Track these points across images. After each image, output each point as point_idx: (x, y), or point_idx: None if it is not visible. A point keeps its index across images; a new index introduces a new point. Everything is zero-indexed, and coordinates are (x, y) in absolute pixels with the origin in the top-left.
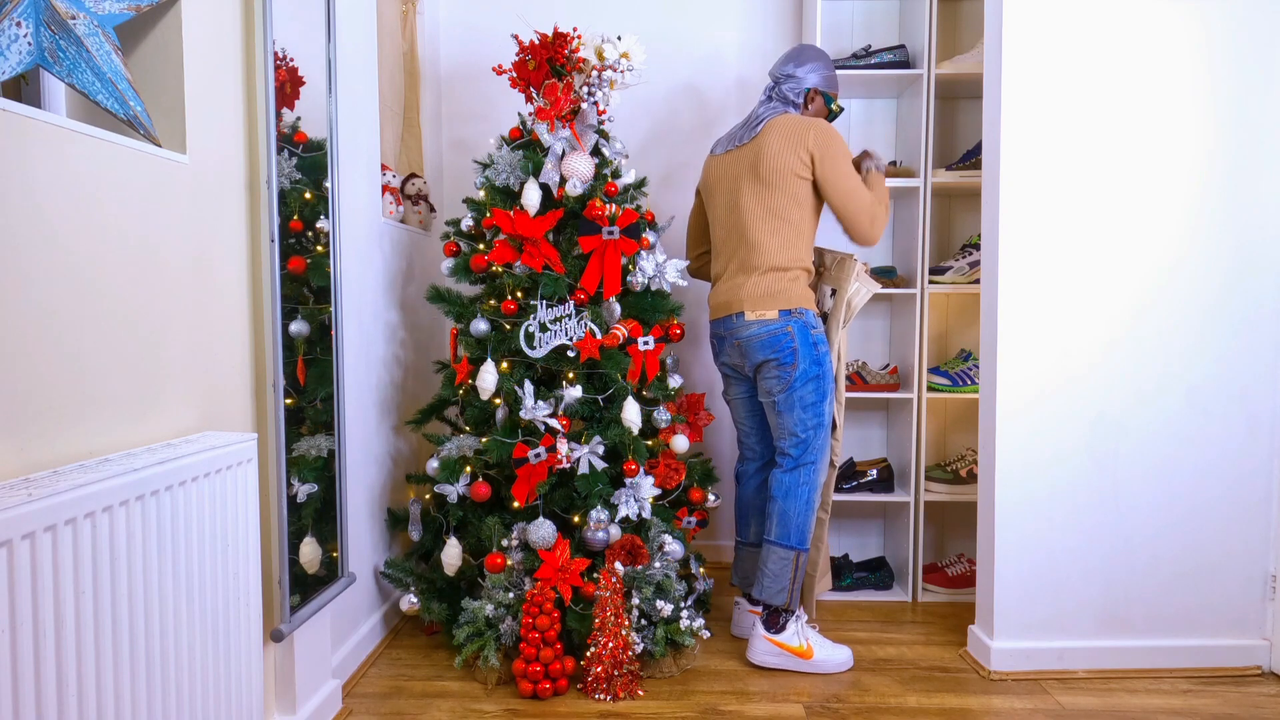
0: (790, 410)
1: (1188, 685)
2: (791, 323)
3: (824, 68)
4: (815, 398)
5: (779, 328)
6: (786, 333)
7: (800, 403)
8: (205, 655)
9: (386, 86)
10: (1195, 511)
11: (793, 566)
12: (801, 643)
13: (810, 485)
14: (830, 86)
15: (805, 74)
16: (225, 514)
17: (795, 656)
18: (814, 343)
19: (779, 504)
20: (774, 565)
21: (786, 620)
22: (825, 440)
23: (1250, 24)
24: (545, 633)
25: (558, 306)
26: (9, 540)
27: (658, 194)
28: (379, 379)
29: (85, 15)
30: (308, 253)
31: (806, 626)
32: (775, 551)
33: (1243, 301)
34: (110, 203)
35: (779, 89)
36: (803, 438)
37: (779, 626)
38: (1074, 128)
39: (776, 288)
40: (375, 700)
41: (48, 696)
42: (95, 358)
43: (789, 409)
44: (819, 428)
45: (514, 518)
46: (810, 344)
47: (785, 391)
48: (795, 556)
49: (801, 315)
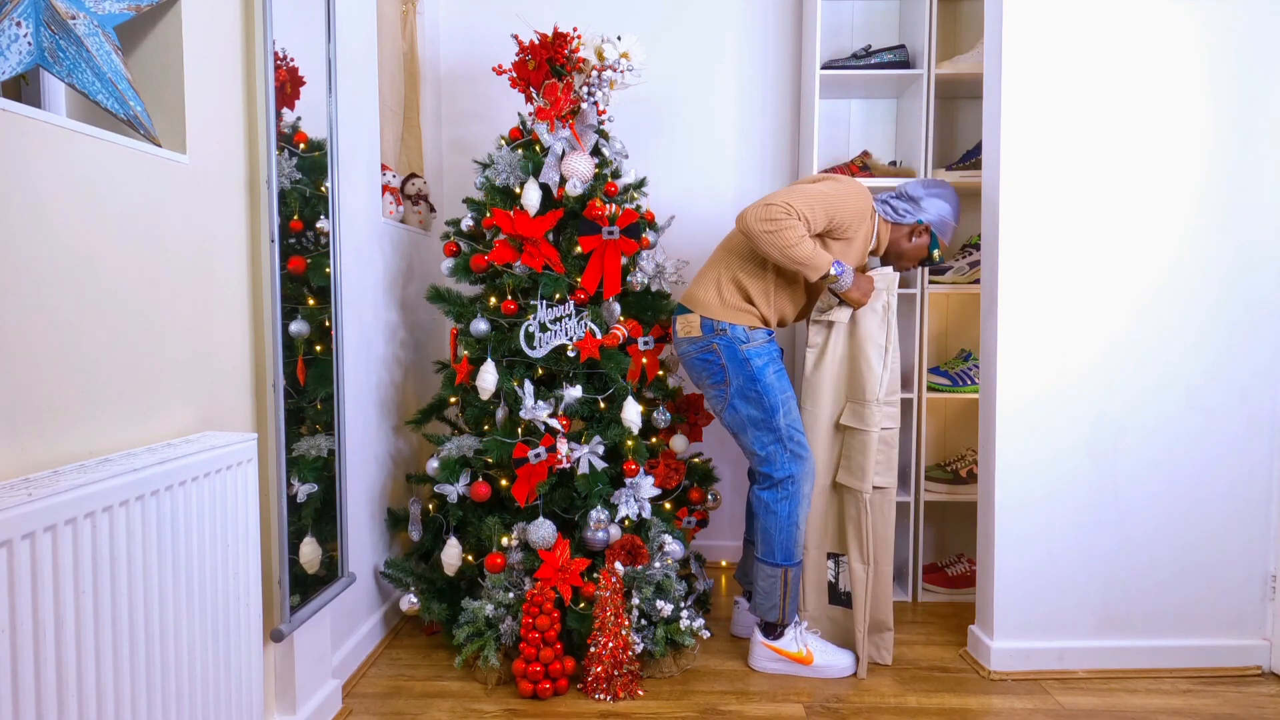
0: (742, 431)
1: (1188, 685)
2: (716, 340)
3: (949, 212)
4: (761, 414)
5: (704, 345)
6: (712, 351)
7: (748, 421)
8: (205, 655)
9: (386, 86)
10: (1195, 511)
11: (781, 583)
12: (800, 648)
13: (790, 500)
14: (943, 233)
15: (927, 205)
16: (225, 514)
17: (795, 663)
18: (743, 359)
19: (760, 521)
20: (763, 583)
21: (784, 629)
22: (799, 451)
23: (1250, 24)
24: (545, 633)
25: (558, 306)
26: (9, 540)
27: (657, 194)
28: (379, 379)
29: (85, 15)
30: (308, 253)
31: (806, 632)
32: (762, 569)
33: (1243, 301)
34: (110, 202)
35: (892, 200)
36: (764, 455)
37: (777, 634)
38: (1074, 128)
39: (701, 299)
40: (375, 700)
41: (48, 696)
42: (95, 358)
43: (739, 429)
44: (778, 443)
45: (514, 518)
46: (741, 360)
47: (728, 412)
48: (783, 573)
49: (725, 332)
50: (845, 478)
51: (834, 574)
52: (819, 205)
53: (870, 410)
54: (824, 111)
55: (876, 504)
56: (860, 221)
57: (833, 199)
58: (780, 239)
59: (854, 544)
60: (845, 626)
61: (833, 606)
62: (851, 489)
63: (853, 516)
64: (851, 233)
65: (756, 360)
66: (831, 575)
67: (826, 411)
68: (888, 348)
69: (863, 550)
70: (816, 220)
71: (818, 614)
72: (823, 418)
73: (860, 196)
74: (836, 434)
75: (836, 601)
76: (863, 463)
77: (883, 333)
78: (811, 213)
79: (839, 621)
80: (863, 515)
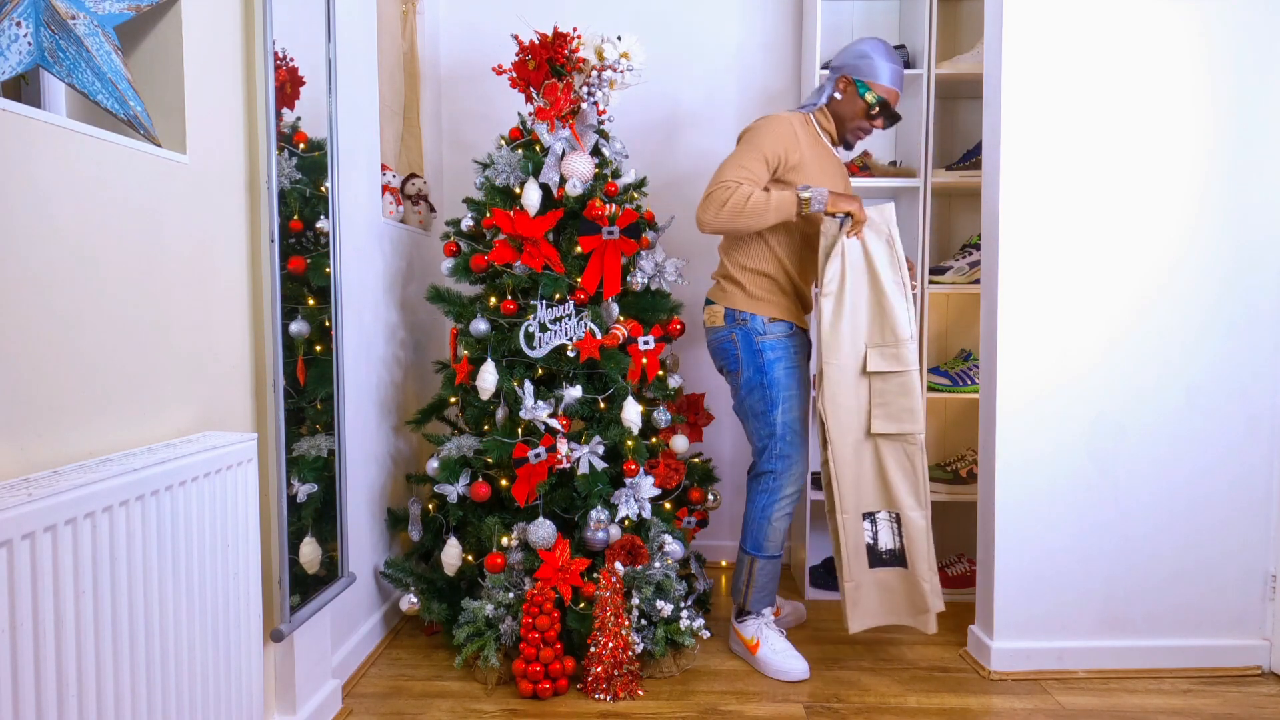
0: (745, 419)
1: (1188, 685)
2: (736, 330)
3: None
4: (762, 407)
5: (725, 334)
6: (730, 340)
7: (751, 412)
8: (205, 655)
9: (386, 86)
10: (1195, 511)
11: (746, 569)
12: (752, 636)
13: (769, 493)
14: (865, 72)
15: (835, 62)
16: (225, 514)
17: (745, 648)
18: (757, 350)
19: (746, 506)
20: (738, 566)
21: (746, 614)
22: (787, 450)
23: (1250, 24)
24: (545, 633)
25: (558, 306)
26: (9, 540)
27: (657, 194)
28: (379, 379)
29: (85, 15)
30: (308, 253)
31: (768, 627)
32: (739, 551)
33: (1243, 301)
34: (110, 202)
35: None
36: (759, 446)
37: (741, 618)
38: (1074, 128)
39: (725, 289)
40: (375, 700)
41: (48, 696)
42: (95, 358)
43: (744, 418)
44: (772, 438)
45: (514, 518)
46: (754, 351)
47: (736, 400)
48: (749, 561)
49: (745, 322)
50: (887, 425)
51: (871, 534)
52: (744, 155)
53: (905, 349)
54: None
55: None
56: (789, 140)
57: (752, 140)
58: (735, 209)
59: (906, 492)
60: (894, 588)
61: (875, 570)
62: (898, 434)
63: (901, 463)
64: (794, 158)
65: (770, 353)
66: (870, 536)
67: (850, 364)
68: (904, 283)
69: (919, 496)
70: (753, 168)
71: (862, 579)
72: (849, 370)
73: (775, 119)
74: (861, 384)
75: (878, 563)
76: (909, 404)
77: (895, 269)
78: (743, 167)
79: (888, 585)
80: (916, 457)
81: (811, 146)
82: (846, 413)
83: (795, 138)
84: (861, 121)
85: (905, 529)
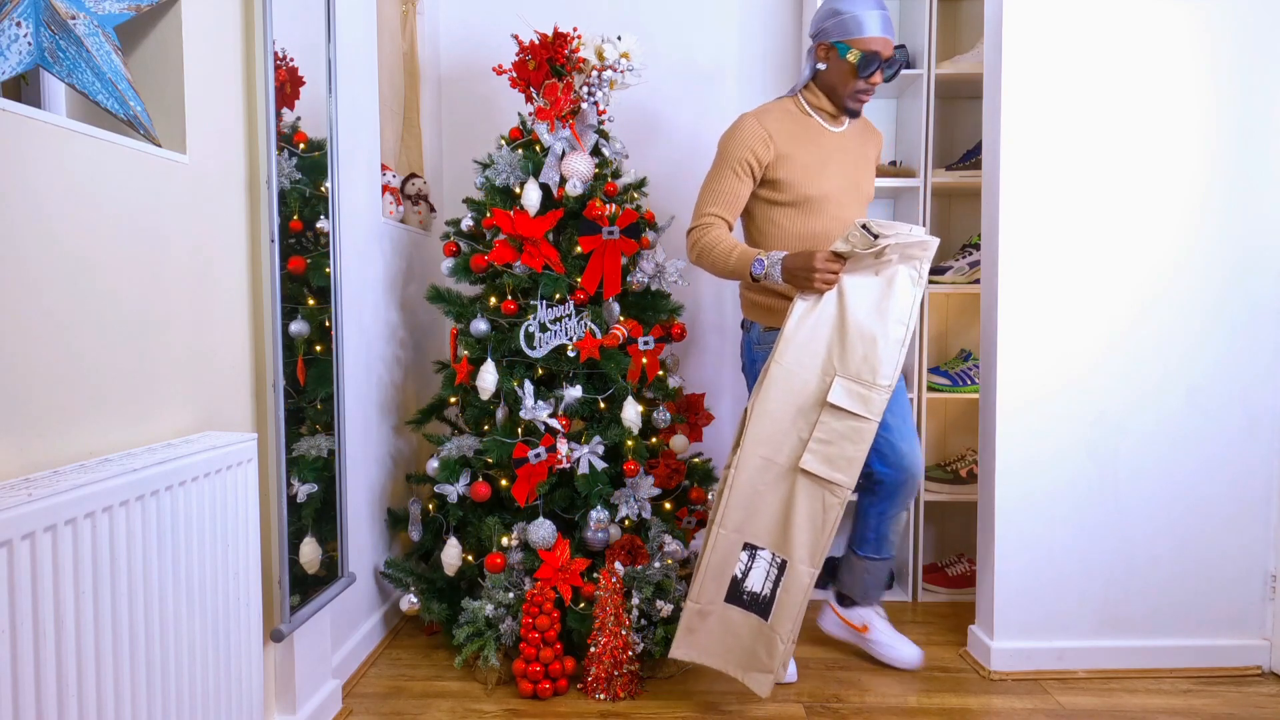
0: None
1: (1188, 685)
2: (743, 335)
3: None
4: None
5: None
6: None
7: None
8: (205, 655)
9: (386, 86)
10: (1195, 511)
11: None
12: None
13: None
14: (837, 32)
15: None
16: (225, 514)
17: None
18: (752, 359)
19: None
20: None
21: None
22: None
23: (1252, 24)
24: (545, 633)
25: (558, 306)
26: (9, 540)
27: (657, 194)
28: (379, 379)
29: (85, 15)
30: (308, 253)
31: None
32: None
33: (1243, 302)
34: (110, 202)
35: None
36: None
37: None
38: (1074, 128)
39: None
40: (375, 700)
41: (48, 696)
42: (95, 358)
43: None
44: None
45: (514, 518)
46: (751, 360)
47: None
48: None
49: (747, 329)
50: (821, 467)
51: (743, 568)
52: (715, 176)
53: (876, 395)
54: None
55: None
56: (756, 141)
57: (719, 156)
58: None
59: (805, 543)
60: (739, 634)
61: (728, 605)
62: (825, 481)
63: (813, 512)
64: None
65: (760, 364)
66: (740, 569)
67: (802, 377)
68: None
69: (816, 552)
70: (725, 188)
71: (711, 608)
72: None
73: (735, 125)
74: (808, 408)
75: (735, 600)
76: (854, 454)
77: (908, 309)
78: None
79: (734, 628)
80: (833, 511)
81: (796, 135)
82: (774, 426)
83: (765, 136)
84: (855, 85)
85: (786, 580)
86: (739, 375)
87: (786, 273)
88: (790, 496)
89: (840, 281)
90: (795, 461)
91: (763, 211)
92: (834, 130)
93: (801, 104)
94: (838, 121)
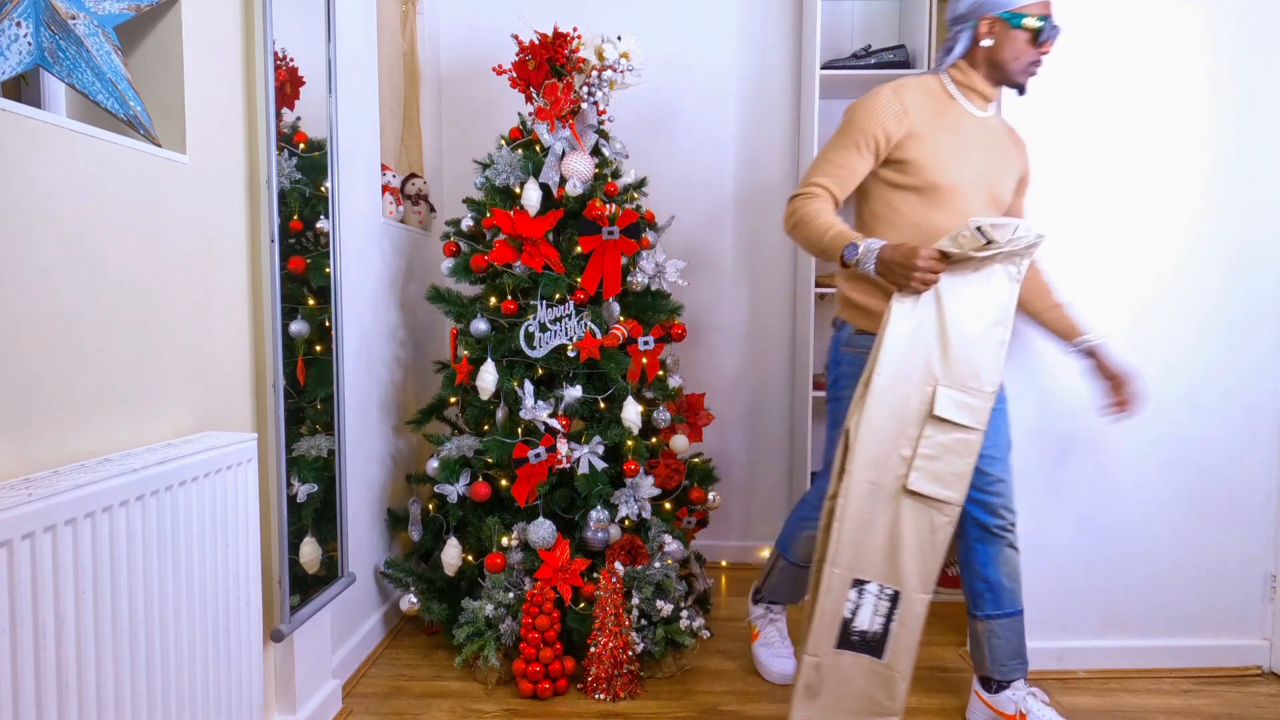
0: None
1: (1188, 685)
2: (834, 334)
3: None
4: (830, 421)
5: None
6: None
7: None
8: (205, 655)
9: (386, 86)
10: (1195, 511)
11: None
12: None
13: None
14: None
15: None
16: (225, 514)
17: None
18: (837, 361)
19: None
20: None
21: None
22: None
23: (1253, 24)
24: (545, 633)
25: (558, 306)
26: (9, 540)
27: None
28: (379, 379)
29: (85, 15)
30: (308, 253)
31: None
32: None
33: (1243, 302)
34: (110, 202)
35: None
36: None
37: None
38: (1074, 128)
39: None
40: (375, 700)
41: (48, 696)
42: (95, 357)
43: None
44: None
45: (514, 518)
46: (835, 362)
47: None
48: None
49: (838, 329)
50: (929, 485)
51: (852, 607)
52: (835, 147)
53: (982, 403)
54: (824, 111)
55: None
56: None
57: (845, 125)
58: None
59: (914, 570)
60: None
61: (839, 652)
62: (935, 500)
63: (922, 535)
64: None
65: (845, 368)
66: (850, 609)
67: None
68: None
69: (927, 579)
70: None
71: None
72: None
73: (873, 94)
74: (910, 423)
75: (845, 644)
76: (961, 469)
77: (1008, 301)
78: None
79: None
80: (942, 532)
81: (935, 116)
82: (879, 446)
83: (900, 111)
84: (1031, 55)
85: (901, 613)
86: (739, 375)
87: (882, 265)
88: (895, 521)
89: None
90: (900, 482)
91: (881, 194)
92: (979, 114)
93: (945, 84)
94: (985, 104)
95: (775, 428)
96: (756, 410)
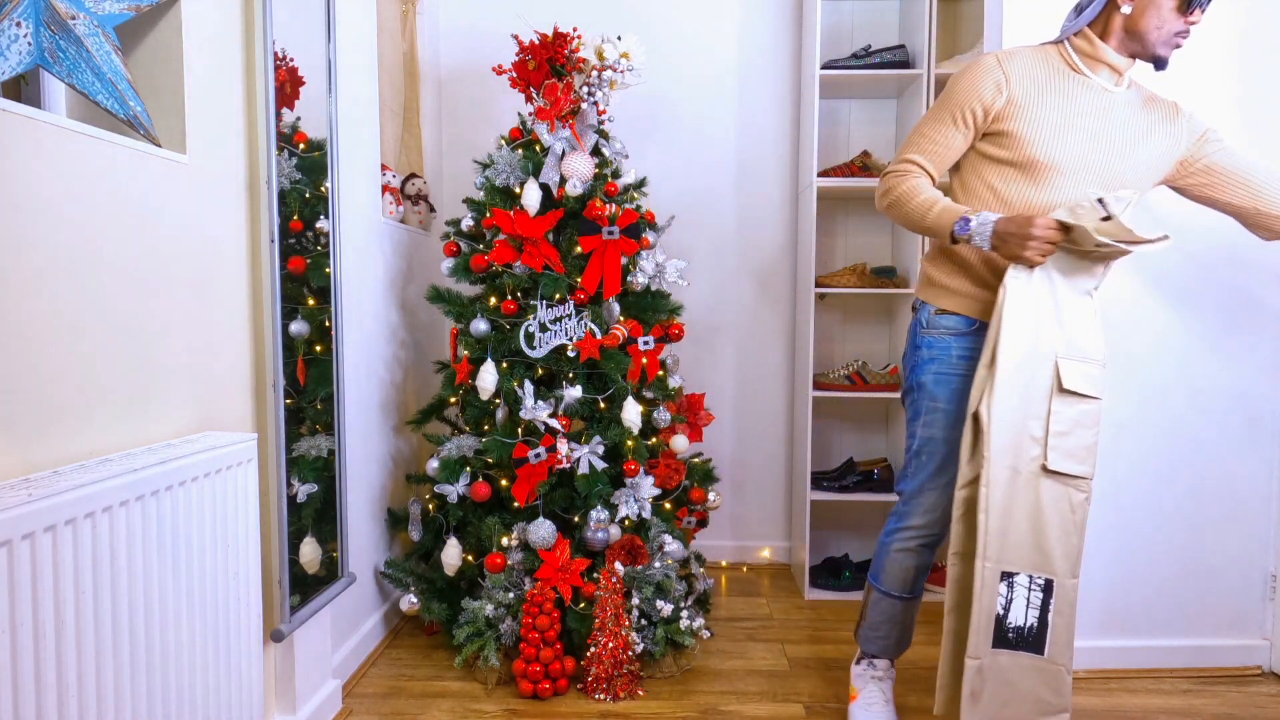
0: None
1: (1188, 685)
2: (913, 320)
3: None
4: (910, 414)
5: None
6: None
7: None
8: (205, 655)
9: (386, 86)
10: (1195, 511)
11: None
12: (854, 684)
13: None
14: None
15: None
16: (225, 514)
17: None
18: (916, 345)
19: None
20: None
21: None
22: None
23: (1253, 24)
24: (545, 633)
25: (558, 306)
26: (9, 540)
27: (657, 194)
28: (379, 379)
29: (85, 15)
30: (308, 253)
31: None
32: None
33: (1244, 302)
34: (110, 202)
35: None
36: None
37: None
38: None
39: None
40: (375, 700)
41: (48, 696)
42: (95, 358)
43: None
44: (909, 452)
45: (514, 518)
46: (914, 346)
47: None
48: (867, 588)
49: (917, 311)
50: (1066, 462)
51: (1005, 602)
52: (931, 120)
53: (1100, 372)
54: (824, 111)
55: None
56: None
57: (943, 97)
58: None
59: (1062, 554)
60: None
61: (997, 651)
62: (1073, 477)
63: (1063, 515)
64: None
65: (925, 351)
66: (1002, 605)
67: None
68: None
69: (1074, 562)
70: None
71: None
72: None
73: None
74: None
75: (1002, 643)
76: (1090, 441)
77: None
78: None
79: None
80: (1081, 509)
81: (1045, 85)
82: (1013, 430)
83: (1000, 81)
84: (1177, 25)
85: (1057, 600)
86: (739, 375)
87: (997, 237)
88: (1036, 504)
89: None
90: (1036, 464)
91: (975, 167)
92: (1109, 88)
93: (1067, 53)
94: (1117, 78)
95: (775, 428)
96: (756, 410)
